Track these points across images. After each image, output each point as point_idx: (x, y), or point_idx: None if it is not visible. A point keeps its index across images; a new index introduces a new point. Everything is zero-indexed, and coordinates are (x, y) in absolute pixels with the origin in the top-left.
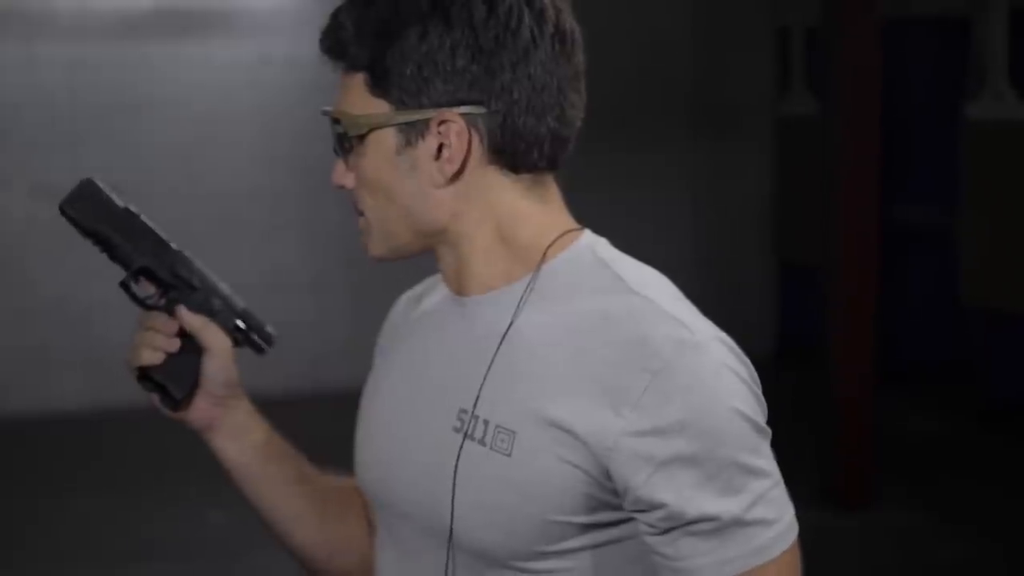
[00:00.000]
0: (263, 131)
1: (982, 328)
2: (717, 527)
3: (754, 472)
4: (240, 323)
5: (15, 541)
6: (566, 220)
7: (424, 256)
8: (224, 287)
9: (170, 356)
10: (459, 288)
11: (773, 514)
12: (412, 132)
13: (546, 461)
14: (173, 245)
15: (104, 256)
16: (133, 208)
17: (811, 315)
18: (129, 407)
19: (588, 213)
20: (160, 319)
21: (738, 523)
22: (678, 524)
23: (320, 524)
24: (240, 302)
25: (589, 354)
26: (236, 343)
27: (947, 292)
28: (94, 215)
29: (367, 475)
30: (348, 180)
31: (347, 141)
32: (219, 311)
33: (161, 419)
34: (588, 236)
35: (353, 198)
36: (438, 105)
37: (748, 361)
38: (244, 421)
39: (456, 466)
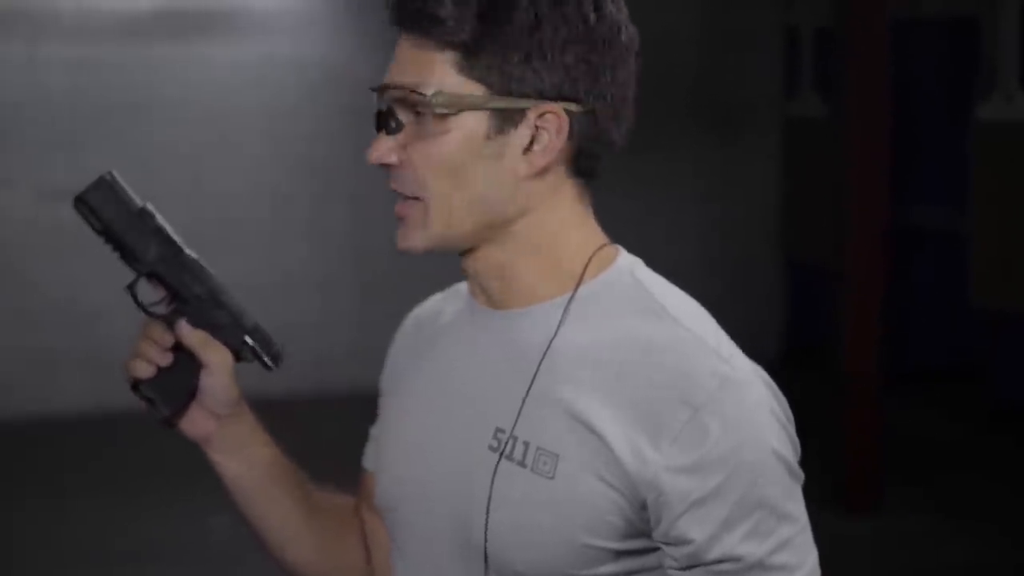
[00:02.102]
0: (267, 132)
1: (990, 329)
2: (739, 569)
3: (783, 516)
4: (247, 340)
5: (17, 542)
6: (600, 233)
7: (434, 260)
8: (235, 299)
9: (163, 369)
10: (496, 298)
11: (796, 559)
12: (506, 119)
13: (589, 484)
14: (187, 251)
15: (108, 257)
16: (150, 208)
17: (819, 316)
18: (133, 409)
19: (596, 213)
20: (158, 330)
21: (760, 566)
22: (701, 562)
23: (317, 545)
24: (251, 316)
25: (631, 380)
26: (240, 359)
27: (955, 293)
28: (107, 212)
29: (392, 491)
30: (392, 157)
31: (394, 119)
32: (224, 325)
33: None
34: (625, 256)
35: (398, 179)
36: (541, 96)
37: (784, 400)
38: (244, 437)
39: (491, 486)
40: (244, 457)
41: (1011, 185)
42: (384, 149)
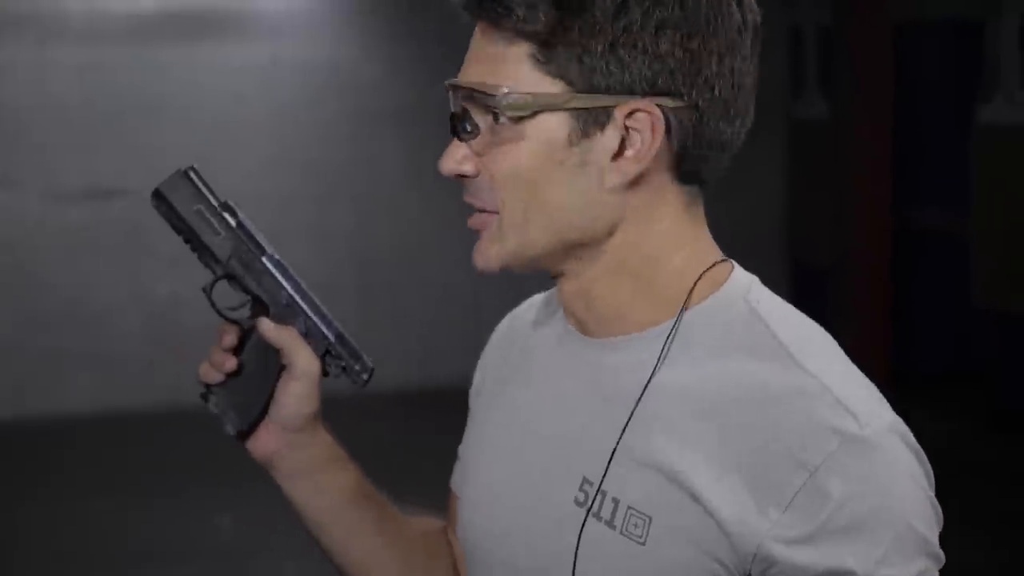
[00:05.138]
0: (274, 134)
1: (993, 331)
2: None
3: None
4: (334, 349)
5: (25, 542)
6: (714, 248)
7: (437, 264)
8: (321, 308)
9: (236, 380)
10: (585, 323)
11: None
12: (591, 120)
13: (685, 553)
14: (270, 252)
15: (118, 259)
16: (232, 204)
17: (823, 317)
18: (140, 410)
19: None
20: (230, 334)
21: None
22: None
23: (402, 574)
24: (335, 328)
25: (739, 434)
26: (327, 373)
27: (958, 295)
28: (183, 208)
29: (473, 526)
30: (468, 166)
31: (469, 123)
32: (307, 333)
33: (172, 422)
34: (740, 276)
35: (473, 191)
36: (631, 92)
37: (925, 458)
38: (315, 462)
39: (577, 546)
40: (315, 483)
41: (1013, 187)
42: (458, 158)
